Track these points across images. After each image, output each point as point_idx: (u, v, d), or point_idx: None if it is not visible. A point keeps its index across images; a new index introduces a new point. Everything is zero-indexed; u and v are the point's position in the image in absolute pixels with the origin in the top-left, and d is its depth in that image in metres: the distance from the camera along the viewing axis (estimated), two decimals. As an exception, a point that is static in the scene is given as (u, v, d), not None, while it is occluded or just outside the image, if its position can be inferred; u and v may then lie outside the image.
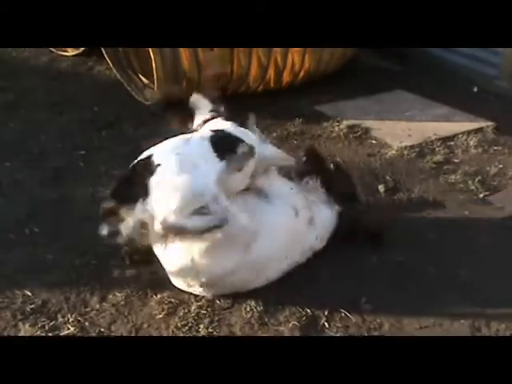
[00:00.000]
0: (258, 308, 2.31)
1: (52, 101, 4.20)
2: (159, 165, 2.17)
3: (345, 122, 3.85)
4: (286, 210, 2.41)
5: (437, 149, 3.50)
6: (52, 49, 5.08)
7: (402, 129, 3.77)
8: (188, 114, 3.78)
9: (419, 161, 3.39)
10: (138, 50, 4.46)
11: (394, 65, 4.81)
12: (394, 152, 3.48)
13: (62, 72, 4.74)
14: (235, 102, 4.02)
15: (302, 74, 4.29)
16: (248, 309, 2.31)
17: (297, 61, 4.19)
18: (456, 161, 3.39)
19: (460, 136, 3.64)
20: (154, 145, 2.34)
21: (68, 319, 2.28)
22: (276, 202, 2.41)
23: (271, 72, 4.16)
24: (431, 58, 4.70)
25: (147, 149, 2.32)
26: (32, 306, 2.34)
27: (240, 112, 3.74)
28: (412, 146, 3.52)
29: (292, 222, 2.41)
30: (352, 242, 2.57)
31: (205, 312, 2.31)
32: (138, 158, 2.27)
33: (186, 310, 2.32)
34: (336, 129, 3.79)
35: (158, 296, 2.39)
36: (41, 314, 2.31)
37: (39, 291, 2.41)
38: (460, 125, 3.79)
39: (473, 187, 3.11)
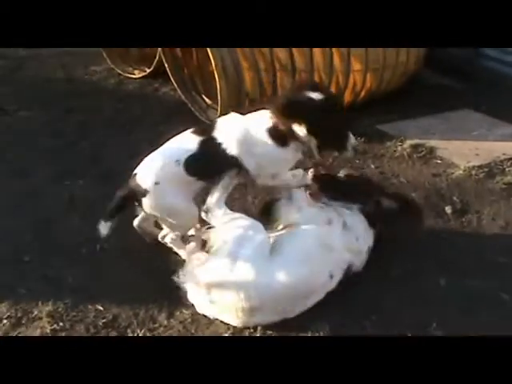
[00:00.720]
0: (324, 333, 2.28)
1: (120, 121, 4.37)
2: None
3: (408, 142, 3.79)
4: (317, 226, 2.45)
5: (507, 169, 3.39)
6: (120, 71, 5.30)
7: (468, 148, 3.67)
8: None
9: (489, 181, 3.29)
10: (203, 71, 4.59)
11: (457, 83, 4.71)
12: (461, 172, 3.39)
13: (130, 93, 4.93)
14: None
15: (363, 93, 4.28)
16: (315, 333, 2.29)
17: (358, 80, 4.19)
18: (528, 182, 3.27)
19: (531, 156, 3.51)
20: None
21: (137, 334, 2.34)
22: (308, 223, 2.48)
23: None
24: (496, 76, 4.57)
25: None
26: (104, 320, 2.42)
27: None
28: (480, 166, 3.42)
29: (327, 233, 2.44)
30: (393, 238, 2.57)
31: (270, 332, 2.31)
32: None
33: (252, 330, 2.33)
34: (399, 148, 3.74)
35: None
36: (112, 328, 2.38)
37: (110, 306, 2.49)
38: (530, 144, 3.66)
39: (546, 209, 2.99)
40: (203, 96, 4.56)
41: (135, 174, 2.64)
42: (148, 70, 5.07)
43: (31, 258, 2.82)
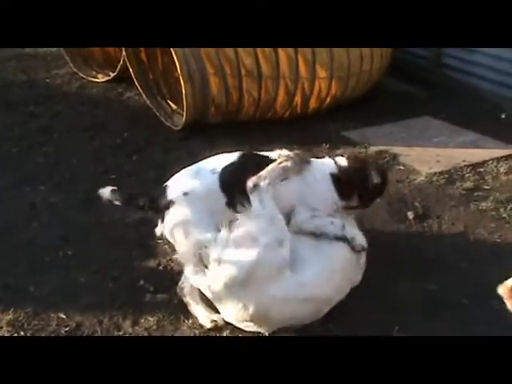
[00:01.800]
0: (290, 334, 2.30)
1: (83, 126, 4.30)
2: None
3: (372, 148, 3.86)
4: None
5: (466, 175, 3.49)
6: (83, 75, 5.22)
7: (430, 155, 3.76)
8: (213, 140, 3.86)
9: (449, 187, 3.37)
10: (168, 75, 4.57)
11: (419, 91, 4.82)
12: (423, 178, 3.47)
13: (93, 98, 4.86)
14: (262, 128, 4.10)
15: (328, 100, 4.33)
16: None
17: (323, 87, 4.24)
18: (486, 187, 3.36)
19: (490, 163, 3.62)
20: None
21: (101, 343, 2.30)
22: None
23: (298, 98, 4.21)
24: (457, 85, 4.70)
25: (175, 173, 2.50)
26: (66, 328, 2.37)
27: (267, 138, 3.82)
28: (441, 172, 3.51)
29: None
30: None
31: (240, 334, 2.31)
32: None
33: (218, 335, 2.32)
34: (363, 155, 3.80)
35: (190, 321, 2.40)
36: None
37: (73, 314, 2.44)
38: (489, 151, 3.76)
39: (505, 215, 3.08)
40: (168, 101, 4.53)
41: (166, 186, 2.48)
42: (112, 74, 5.00)
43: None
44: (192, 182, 2.43)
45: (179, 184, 2.46)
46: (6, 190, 3.42)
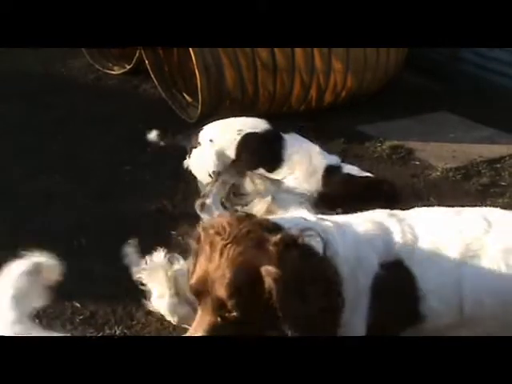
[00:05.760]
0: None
1: (99, 118, 4.32)
2: None
3: (387, 143, 3.83)
4: None
5: (483, 171, 3.45)
6: (99, 67, 5.24)
7: (446, 150, 3.73)
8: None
9: (465, 183, 3.34)
10: (183, 69, 4.57)
11: (436, 86, 4.78)
12: (438, 173, 3.44)
13: (109, 90, 4.87)
14: (278, 121, 4.09)
15: (343, 93, 4.31)
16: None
17: (339, 80, 4.22)
18: (503, 184, 3.33)
19: (507, 158, 3.58)
20: None
21: (115, 331, 2.32)
22: None
23: (313, 92, 4.20)
24: (474, 80, 4.65)
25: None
26: (81, 317, 2.39)
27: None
28: (457, 168, 3.48)
29: None
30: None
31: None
32: None
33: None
34: (378, 149, 3.78)
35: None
36: (89, 325, 2.35)
37: (87, 303, 2.46)
38: (506, 147, 3.73)
39: (522, 211, 3.04)
40: (184, 94, 4.54)
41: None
42: (128, 67, 5.01)
43: (6, 253, 2.76)
44: (219, 133, 2.85)
45: (209, 131, 2.89)
46: (22, 179, 3.44)
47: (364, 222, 1.65)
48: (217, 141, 2.84)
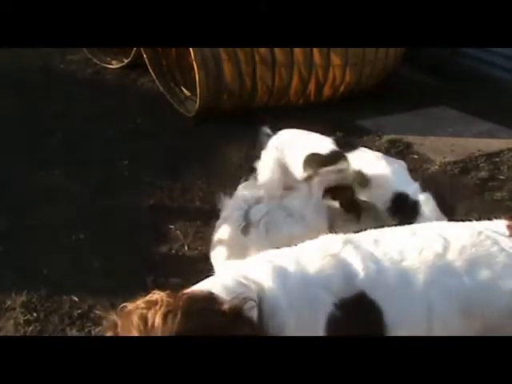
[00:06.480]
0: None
1: (97, 112, 4.31)
2: None
3: (386, 137, 3.83)
4: None
5: (481, 165, 3.45)
6: (97, 61, 5.23)
7: (444, 144, 3.73)
8: (226, 127, 3.85)
9: (463, 177, 3.35)
10: (182, 62, 4.56)
11: (435, 80, 4.77)
12: (436, 167, 3.44)
13: (107, 84, 4.86)
14: (276, 115, 4.08)
15: (342, 88, 4.30)
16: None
17: (338, 75, 4.21)
18: (502, 177, 3.33)
19: (505, 152, 3.58)
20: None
21: (113, 325, 2.32)
22: None
23: (312, 86, 4.19)
24: (472, 74, 4.65)
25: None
26: (79, 311, 2.39)
27: (280, 126, 3.80)
28: (455, 162, 3.48)
29: None
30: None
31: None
32: None
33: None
34: (377, 143, 3.78)
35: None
36: (87, 319, 2.36)
37: (85, 297, 2.47)
38: (505, 141, 3.73)
39: (519, 205, 3.06)
40: (182, 87, 4.53)
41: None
42: (126, 61, 4.99)
43: (5, 247, 2.77)
44: (287, 143, 2.82)
45: (279, 138, 2.86)
46: (21, 174, 3.44)
47: (318, 258, 1.50)
48: (281, 151, 2.78)
